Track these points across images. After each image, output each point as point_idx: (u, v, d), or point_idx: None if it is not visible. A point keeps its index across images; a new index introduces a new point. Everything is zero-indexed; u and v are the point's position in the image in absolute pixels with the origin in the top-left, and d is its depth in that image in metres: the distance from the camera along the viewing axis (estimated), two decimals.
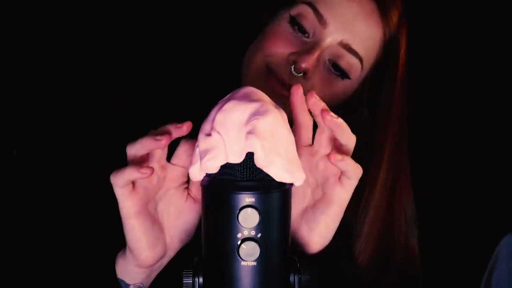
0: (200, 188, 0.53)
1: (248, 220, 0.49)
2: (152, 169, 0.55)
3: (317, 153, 0.60)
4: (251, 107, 0.50)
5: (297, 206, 0.62)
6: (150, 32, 1.07)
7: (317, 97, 0.56)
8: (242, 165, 0.50)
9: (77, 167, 0.89)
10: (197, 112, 0.59)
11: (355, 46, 0.77)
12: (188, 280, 0.52)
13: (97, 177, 0.60)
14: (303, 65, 0.75)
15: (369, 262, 0.79)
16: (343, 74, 0.78)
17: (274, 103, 0.53)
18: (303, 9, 0.77)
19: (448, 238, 1.07)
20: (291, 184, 0.52)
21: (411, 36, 0.83)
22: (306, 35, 0.78)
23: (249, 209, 0.49)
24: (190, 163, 0.52)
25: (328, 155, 0.55)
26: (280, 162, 0.50)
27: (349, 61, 0.77)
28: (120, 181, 0.55)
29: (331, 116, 0.55)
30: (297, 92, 0.58)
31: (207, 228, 0.52)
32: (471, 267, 0.86)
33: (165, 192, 0.61)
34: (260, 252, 0.49)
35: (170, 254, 0.63)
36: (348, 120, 0.57)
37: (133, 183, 0.57)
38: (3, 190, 0.94)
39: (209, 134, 0.51)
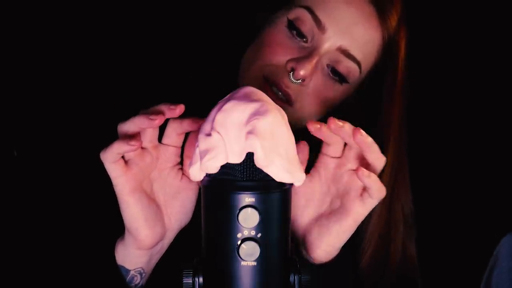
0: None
1: (248, 220, 0.49)
2: (141, 141, 0.55)
3: (343, 166, 0.62)
4: (251, 107, 0.50)
5: (312, 211, 0.63)
6: (150, 31, 1.07)
7: (338, 121, 0.57)
8: (242, 165, 0.50)
9: (77, 166, 0.89)
10: (197, 112, 0.59)
11: (353, 51, 0.76)
12: (188, 280, 0.52)
13: (97, 174, 0.60)
14: (301, 73, 0.74)
15: (370, 264, 0.79)
16: (341, 78, 0.78)
17: (274, 103, 0.53)
18: (301, 13, 0.76)
19: (448, 238, 1.07)
20: (291, 184, 0.52)
21: (411, 39, 0.83)
22: (304, 40, 0.77)
23: (249, 209, 0.49)
24: (190, 163, 0.52)
25: (356, 169, 0.57)
26: (280, 162, 0.50)
27: (347, 66, 0.77)
28: (110, 156, 0.55)
29: (361, 135, 0.56)
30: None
31: (207, 228, 0.52)
32: (471, 267, 0.86)
33: (160, 172, 0.61)
34: (260, 252, 0.49)
35: (170, 235, 0.63)
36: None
37: (126, 161, 0.57)
38: (3, 190, 0.94)
39: (209, 134, 0.51)
